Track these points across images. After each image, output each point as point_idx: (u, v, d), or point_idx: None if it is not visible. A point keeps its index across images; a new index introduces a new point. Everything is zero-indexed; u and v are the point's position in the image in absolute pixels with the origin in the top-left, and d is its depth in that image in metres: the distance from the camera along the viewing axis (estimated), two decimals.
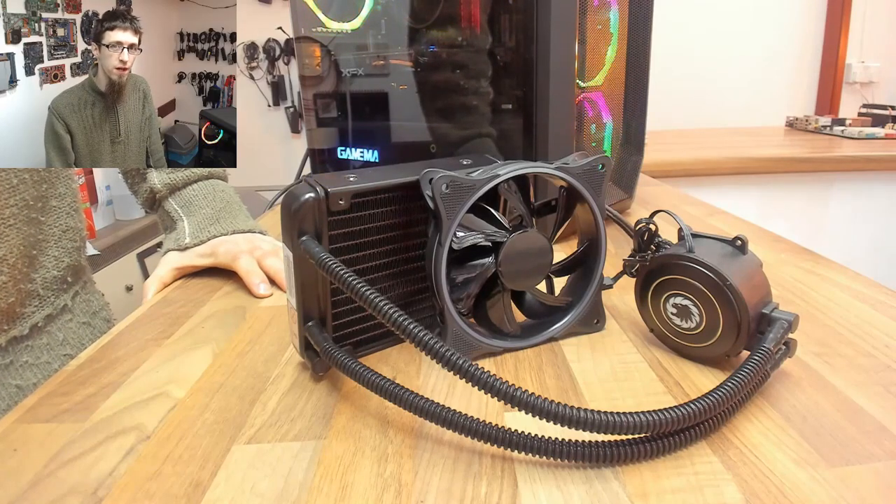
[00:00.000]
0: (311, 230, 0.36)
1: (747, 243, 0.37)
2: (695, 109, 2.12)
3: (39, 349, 0.45)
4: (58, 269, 0.46)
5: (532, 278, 0.41)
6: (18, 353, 0.44)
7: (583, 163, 0.40)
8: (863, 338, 0.41)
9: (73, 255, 0.48)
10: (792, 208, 1.58)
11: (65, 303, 0.48)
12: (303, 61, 0.76)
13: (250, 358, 0.42)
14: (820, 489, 0.27)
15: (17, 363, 0.44)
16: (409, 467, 0.30)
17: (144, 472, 0.30)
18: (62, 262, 0.47)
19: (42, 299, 0.45)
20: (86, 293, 0.51)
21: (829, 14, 2.09)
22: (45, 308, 0.46)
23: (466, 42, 0.61)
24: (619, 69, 0.72)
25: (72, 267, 0.48)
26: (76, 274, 0.49)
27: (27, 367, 0.44)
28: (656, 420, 0.28)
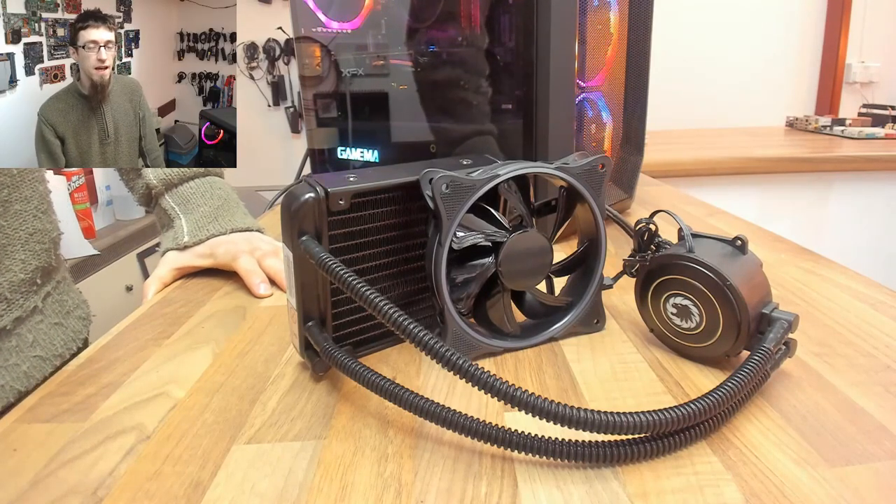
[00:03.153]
0: (311, 230, 0.36)
1: (747, 243, 0.37)
2: (695, 109, 2.12)
3: (8, 352, 0.45)
4: (25, 273, 0.46)
5: (532, 278, 0.41)
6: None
7: (583, 163, 0.40)
8: (863, 338, 0.41)
9: (41, 258, 0.48)
10: (792, 208, 1.58)
11: (35, 304, 0.47)
12: (303, 61, 0.76)
13: (250, 358, 0.42)
14: (820, 489, 0.27)
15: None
16: (409, 467, 0.30)
17: (144, 472, 0.30)
18: (29, 266, 0.46)
19: (9, 302, 0.45)
20: (59, 293, 0.51)
21: (829, 14, 2.09)
22: (13, 311, 0.45)
23: (466, 42, 0.61)
24: (619, 69, 0.72)
25: (41, 269, 0.48)
26: (46, 275, 0.49)
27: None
28: (656, 420, 0.28)
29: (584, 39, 0.61)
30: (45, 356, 0.47)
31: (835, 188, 1.56)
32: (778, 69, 2.14)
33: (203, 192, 0.63)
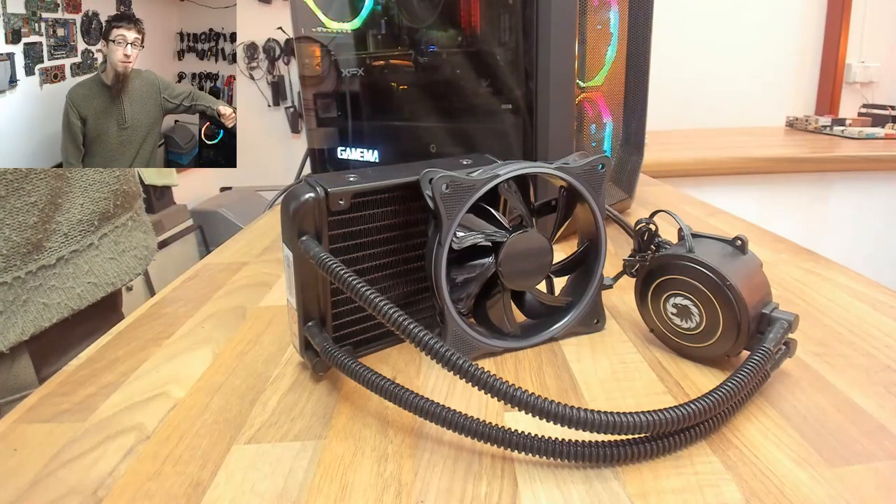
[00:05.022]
0: (311, 230, 0.36)
1: (747, 243, 0.37)
2: (695, 109, 2.12)
3: (65, 276, 0.55)
4: (83, 214, 0.56)
5: (532, 278, 0.41)
6: (46, 278, 0.54)
7: (583, 163, 0.40)
8: (863, 338, 0.41)
9: (100, 204, 0.58)
10: (792, 208, 1.58)
11: (91, 241, 0.58)
12: (303, 61, 0.76)
13: (250, 358, 0.42)
14: (820, 489, 0.27)
15: (45, 286, 0.54)
16: (409, 467, 0.30)
17: (144, 472, 0.30)
18: (87, 209, 0.57)
19: (68, 237, 0.55)
20: (115, 235, 0.61)
21: (829, 14, 2.09)
22: (70, 244, 0.55)
23: (466, 42, 0.61)
24: (619, 69, 0.72)
25: (98, 213, 0.58)
26: (104, 219, 0.59)
27: (53, 290, 0.54)
28: (656, 420, 0.28)
29: (584, 39, 0.61)
30: (98, 283, 0.58)
31: (835, 188, 1.56)
32: (778, 69, 2.14)
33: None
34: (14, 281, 0.51)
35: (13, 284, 0.51)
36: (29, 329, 0.52)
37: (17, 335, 0.51)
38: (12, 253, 0.51)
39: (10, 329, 0.51)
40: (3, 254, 0.50)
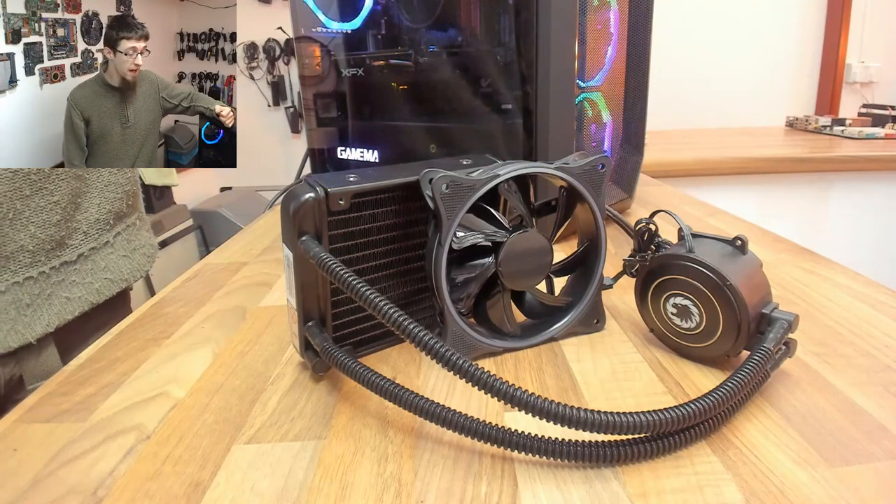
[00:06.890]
0: (311, 230, 0.36)
1: (747, 243, 0.37)
2: (695, 109, 2.12)
3: (84, 272, 0.59)
4: (99, 214, 0.59)
5: (532, 278, 0.41)
6: (68, 273, 0.57)
7: (583, 163, 0.40)
8: (863, 338, 0.41)
9: (114, 204, 0.61)
10: (792, 208, 1.58)
11: (107, 239, 0.61)
12: (303, 61, 0.76)
13: (250, 358, 0.42)
14: (820, 489, 0.27)
15: (67, 281, 0.57)
16: (409, 467, 0.30)
17: (144, 472, 0.30)
18: (104, 208, 0.60)
19: (87, 235, 0.59)
20: (127, 234, 0.64)
21: (829, 14, 2.09)
22: (89, 242, 0.59)
23: (466, 42, 0.61)
24: (619, 69, 0.72)
25: (113, 212, 0.61)
26: (118, 218, 0.62)
27: (74, 285, 0.58)
28: (656, 420, 0.28)
29: (584, 39, 0.61)
30: (114, 279, 0.61)
31: (835, 188, 1.56)
32: (778, 69, 2.14)
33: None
34: (40, 276, 0.55)
35: (39, 279, 0.55)
36: (54, 321, 0.55)
37: (44, 327, 0.55)
38: (38, 249, 0.54)
39: (38, 321, 0.54)
40: (30, 250, 0.53)
